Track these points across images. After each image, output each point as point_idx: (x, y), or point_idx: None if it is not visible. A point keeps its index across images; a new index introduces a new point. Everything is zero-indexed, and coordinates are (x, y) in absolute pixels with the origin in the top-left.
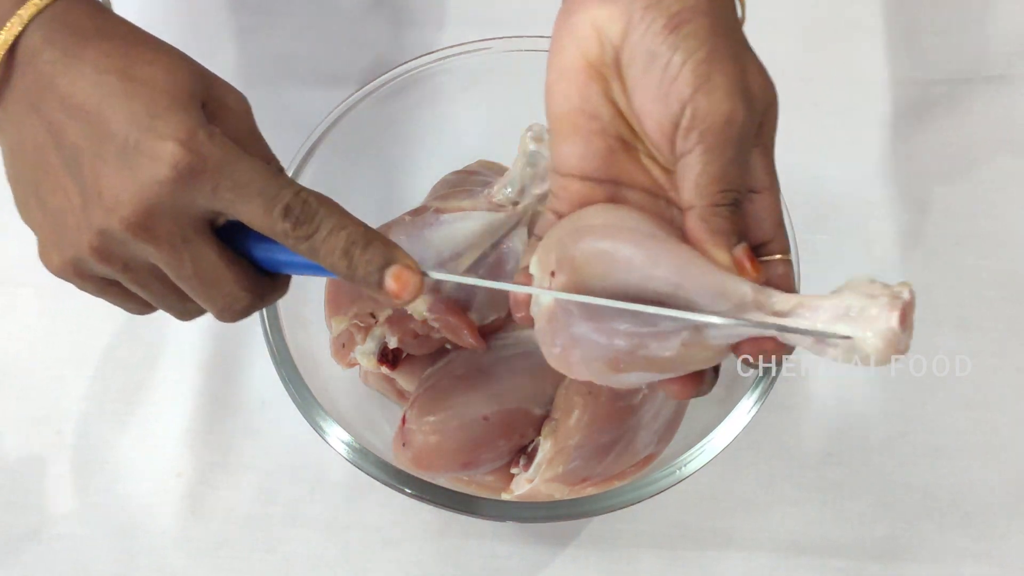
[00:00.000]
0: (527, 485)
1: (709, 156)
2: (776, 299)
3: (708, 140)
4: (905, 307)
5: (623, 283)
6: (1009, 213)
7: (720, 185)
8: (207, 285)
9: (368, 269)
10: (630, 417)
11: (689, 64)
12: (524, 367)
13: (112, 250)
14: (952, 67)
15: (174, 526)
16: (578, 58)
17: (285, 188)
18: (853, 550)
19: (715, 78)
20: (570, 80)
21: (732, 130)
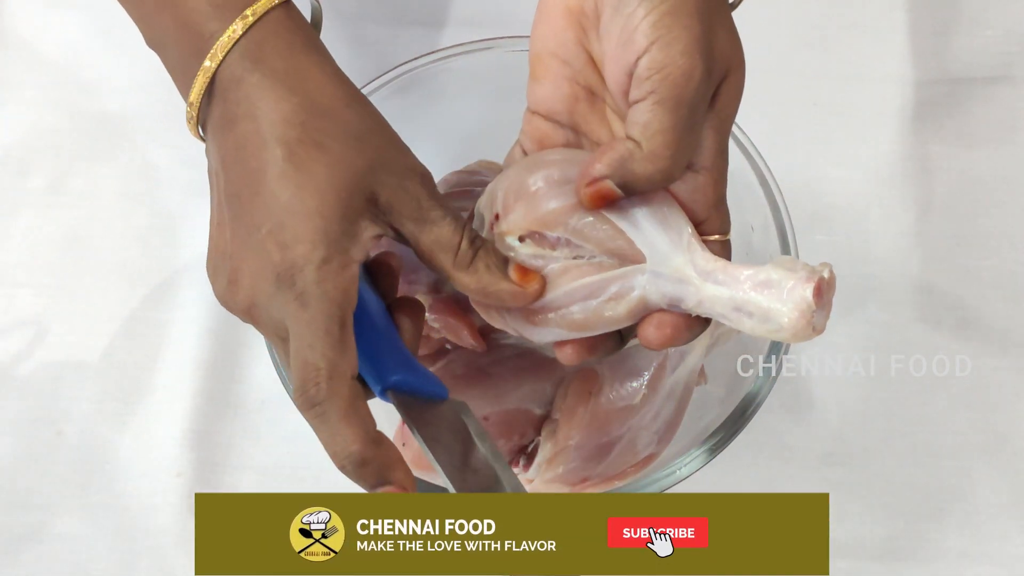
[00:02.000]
0: (527, 485)
1: (659, 108)
2: (702, 257)
3: (661, 92)
4: (821, 283)
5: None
6: (1009, 213)
7: (665, 137)
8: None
9: (360, 484)
10: (630, 417)
11: (652, 16)
12: (524, 367)
13: (252, 321)
14: (952, 67)
15: (174, 526)
16: (560, 4)
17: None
18: (853, 550)
19: (675, 31)
20: (549, 23)
21: (688, 86)
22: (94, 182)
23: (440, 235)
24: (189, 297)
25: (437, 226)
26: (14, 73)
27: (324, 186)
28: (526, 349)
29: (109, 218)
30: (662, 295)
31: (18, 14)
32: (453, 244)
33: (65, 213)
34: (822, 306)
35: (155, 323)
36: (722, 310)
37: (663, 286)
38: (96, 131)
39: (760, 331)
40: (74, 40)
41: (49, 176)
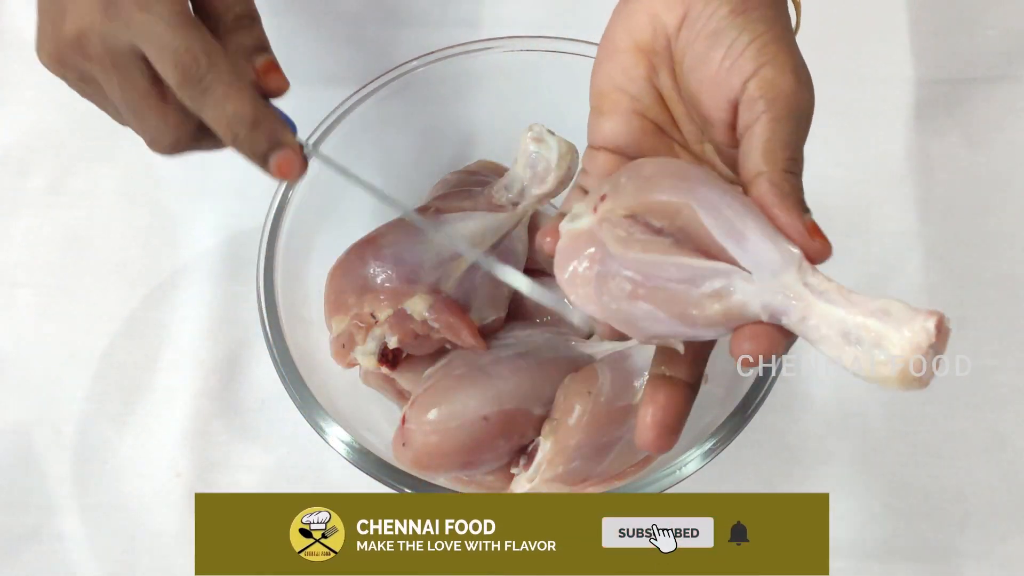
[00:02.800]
0: (527, 485)
1: (777, 124)
2: (814, 276)
3: (776, 108)
4: (943, 321)
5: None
6: (1009, 213)
7: (790, 152)
8: (133, 112)
9: (252, 149)
10: (630, 417)
11: (756, 43)
12: (524, 367)
13: (66, 61)
14: (952, 67)
15: (174, 526)
16: (628, 41)
17: (181, 40)
18: (853, 550)
19: (781, 56)
20: (617, 61)
21: (800, 105)
22: (94, 182)
23: None
24: (189, 297)
25: None
26: (14, 73)
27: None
28: (526, 349)
29: (109, 218)
30: (764, 305)
31: (18, 14)
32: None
33: (65, 213)
34: (939, 348)
35: (155, 323)
36: (828, 331)
37: (767, 296)
38: (96, 131)
39: (863, 364)
40: None
41: (49, 176)
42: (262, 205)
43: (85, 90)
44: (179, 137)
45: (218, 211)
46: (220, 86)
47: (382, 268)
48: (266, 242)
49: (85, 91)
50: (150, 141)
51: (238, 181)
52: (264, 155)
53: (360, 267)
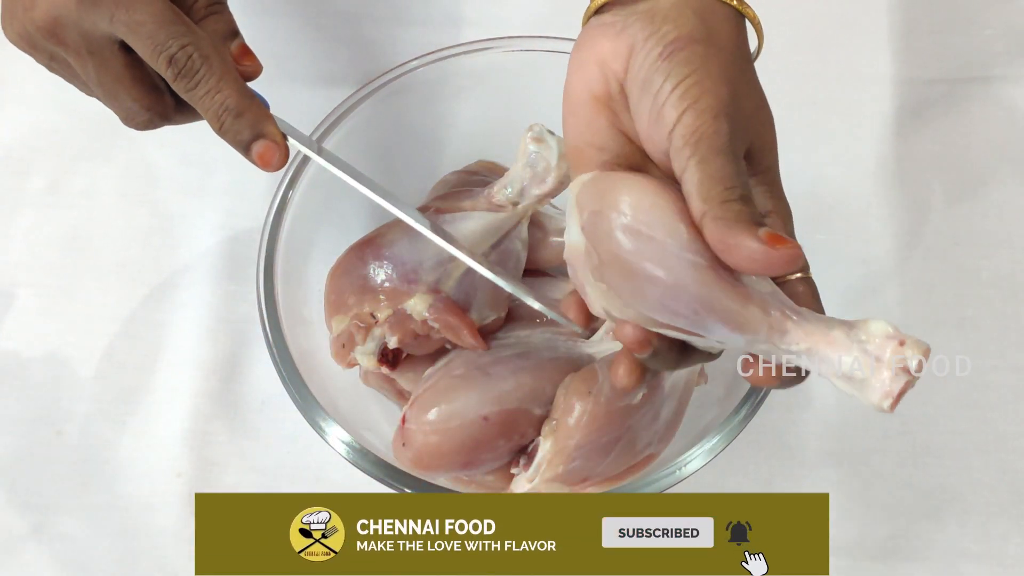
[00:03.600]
0: (527, 485)
1: (704, 164)
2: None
3: (701, 151)
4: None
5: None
6: (1009, 213)
7: (723, 183)
8: (107, 94)
9: (237, 138)
10: (630, 417)
11: (678, 89)
12: (524, 367)
13: (34, 43)
14: (951, 66)
15: (174, 526)
16: (584, 93)
17: (173, 39)
18: (853, 550)
19: (703, 99)
20: (579, 115)
21: (721, 140)
22: (94, 182)
23: None
24: (189, 297)
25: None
26: (14, 73)
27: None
28: (526, 349)
29: (109, 218)
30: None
31: None
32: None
33: (65, 213)
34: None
35: (155, 323)
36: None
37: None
38: (96, 131)
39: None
40: None
41: (49, 176)
42: (262, 205)
43: (53, 67)
44: (152, 115)
45: (218, 211)
46: (212, 78)
47: (382, 268)
48: (266, 242)
49: (53, 68)
50: (124, 118)
51: (238, 181)
52: (247, 144)
53: (360, 267)
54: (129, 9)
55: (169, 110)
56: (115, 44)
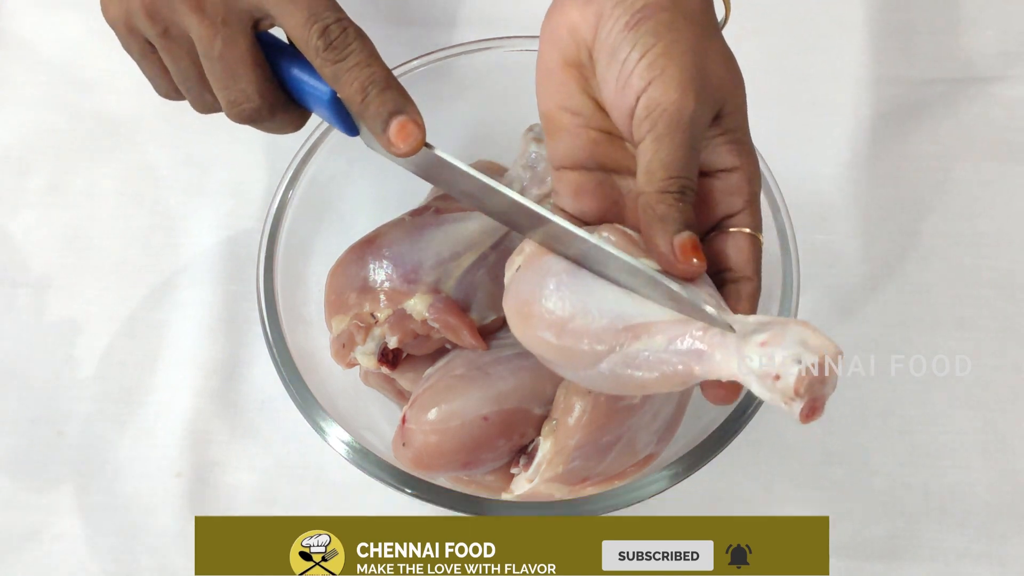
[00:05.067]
0: (527, 485)
1: (658, 144)
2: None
3: (658, 128)
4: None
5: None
6: (1008, 213)
7: (668, 172)
8: (227, 72)
9: (378, 110)
10: (630, 417)
11: (645, 58)
12: (524, 367)
13: (159, 10)
14: (950, 67)
15: (174, 526)
16: (557, 59)
17: (330, 11)
18: (853, 550)
19: (668, 70)
20: (551, 79)
21: (682, 118)
22: (94, 182)
23: None
24: (189, 297)
25: None
26: (14, 73)
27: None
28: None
29: (109, 218)
30: None
31: (18, 14)
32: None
33: (65, 213)
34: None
35: (155, 323)
36: None
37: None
38: (96, 131)
39: None
40: (74, 40)
41: (49, 176)
42: (262, 205)
43: (145, 53)
44: (262, 104)
45: (218, 211)
46: (364, 52)
47: (382, 268)
48: (266, 242)
49: (144, 54)
50: (230, 103)
51: (238, 181)
52: (387, 117)
53: (360, 267)
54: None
55: (279, 102)
56: (252, 21)
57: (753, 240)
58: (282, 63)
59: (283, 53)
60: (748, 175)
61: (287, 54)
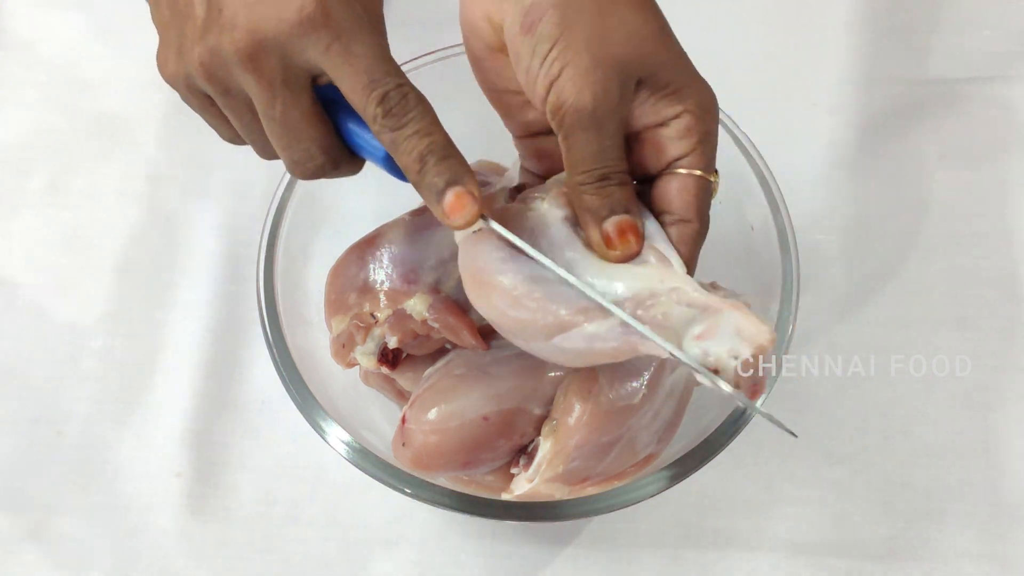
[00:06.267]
0: (527, 485)
1: (566, 143)
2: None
3: (563, 129)
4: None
5: None
6: (1009, 213)
7: (581, 166)
8: (289, 133)
9: (435, 180)
10: (630, 417)
11: (544, 64)
12: (524, 367)
13: (216, 71)
14: (950, 66)
15: (174, 526)
16: (483, 48)
17: (390, 76)
18: (853, 550)
19: (565, 71)
20: (484, 66)
21: (582, 116)
22: (94, 182)
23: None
24: (189, 297)
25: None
26: (14, 73)
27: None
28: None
29: (109, 218)
30: None
31: (18, 14)
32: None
33: (65, 213)
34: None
35: (155, 323)
36: None
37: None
38: (96, 131)
39: None
40: (74, 40)
41: (49, 176)
42: (262, 205)
43: (207, 108)
44: (327, 160)
45: (218, 211)
46: (425, 120)
47: (382, 268)
48: (266, 242)
49: (206, 109)
50: (294, 162)
51: (238, 181)
52: (443, 188)
53: (360, 267)
54: (350, 41)
55: (342, 158)
56: (310, 79)
57: (699, 181)
58: (340, 115)
59: (340, 105)
60: (695, 116)
61: (345, 107)
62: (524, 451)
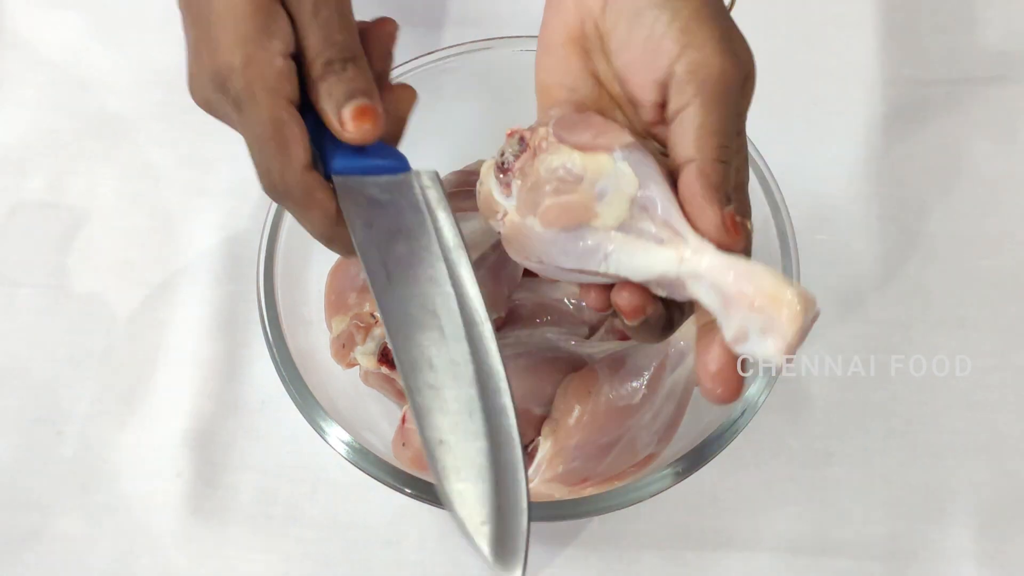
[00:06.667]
0: None
1: (708, 109)
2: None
3: (706, 92)
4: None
5: None
6: (1009, 213)
7: (720, 139)
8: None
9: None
10: (630, 417)
11: (677, 22)
12: (524, 367)
13: (215, 109)
14: (952, 67)
15: (174, 526)
16: (560, 33)
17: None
18: (853, 550)
19: (704, 33)
20: (552, 54)
21: (728, 84)
22: (94, 182)
23: (312, 40)
24: (189, 297)
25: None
26: (14, 73)
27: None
28: (526, 349)
29: (109, 218)
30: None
31: (18, 14)
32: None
33: (65, 213)
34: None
35: (155, 323)
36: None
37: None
38: (96, 131)
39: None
40: (74, 40)
41: (49, 176)
42: (262, 205)
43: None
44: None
45: (218, 211)
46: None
47: None
48: (266, 242)
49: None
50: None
51: (238, 181)
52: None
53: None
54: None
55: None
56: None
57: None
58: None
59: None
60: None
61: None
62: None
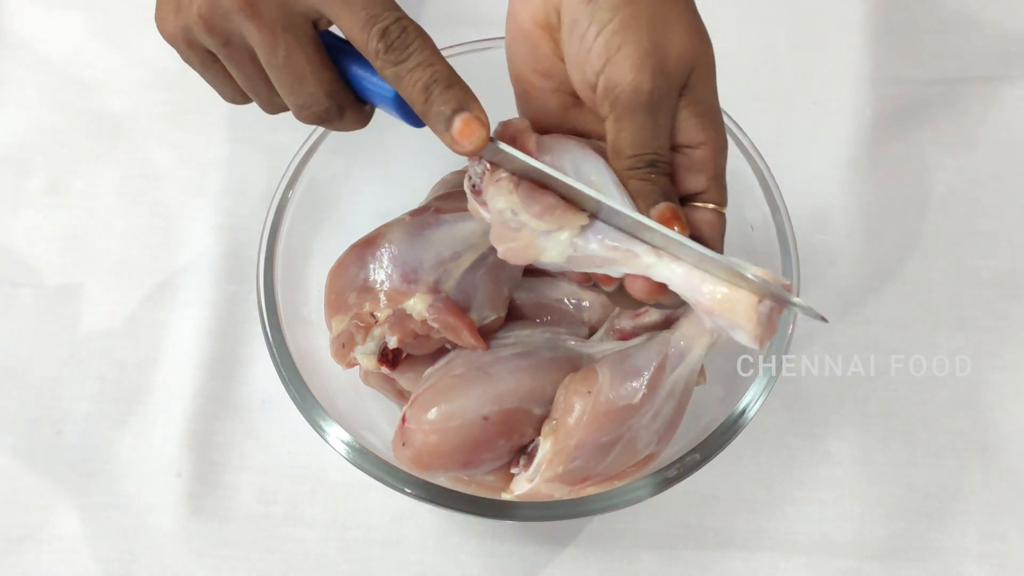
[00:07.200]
0: (527, 485)
1: (619, 124)
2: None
3: (617, 109)
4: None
5: None
6: (1009, 213)
7: (633, 149)
8: (293, 78)
9: (442, 108)
10: (630, 417)
11: (602, 36)
12: (524, 367)
13: (216, 22)
14: (951, 66)
15: (174, 526)
16: (527, 20)
17: (388, 11)
18: (853, 550)
19: (624, 48)
20: (522, 42)
21: (639, 98)
22: (94, 182)
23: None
24: (189, 297)
25: None
26: (14, 73)
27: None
28: (526, 349)
29: (109, 218)
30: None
31: (18, 14)
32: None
33: (65, 213)
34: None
35: (155, 323)
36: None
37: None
38: (96, 131)
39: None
40: (74, 40)
41: (49, 176)
42: (262, 205)
43: (207, 65)
44: (332, 105)
45: (218, 211)
46: (426, 51)
47: (382, 268)
48: (266, 242)
49: (206, 66)
50: (300, 107)
51: (238, 181)
52: (451, 116)
53: (360, 267)
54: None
55: (347, 101)
56: (310, 23)
57: (719, 216)
58: (344, 61)
59: (344, 51)
60: (714, 150)
61: (348, 52)
62: (524, 451)
